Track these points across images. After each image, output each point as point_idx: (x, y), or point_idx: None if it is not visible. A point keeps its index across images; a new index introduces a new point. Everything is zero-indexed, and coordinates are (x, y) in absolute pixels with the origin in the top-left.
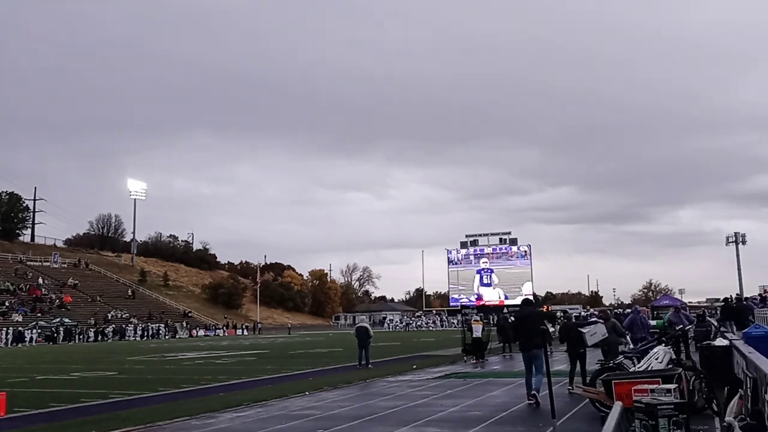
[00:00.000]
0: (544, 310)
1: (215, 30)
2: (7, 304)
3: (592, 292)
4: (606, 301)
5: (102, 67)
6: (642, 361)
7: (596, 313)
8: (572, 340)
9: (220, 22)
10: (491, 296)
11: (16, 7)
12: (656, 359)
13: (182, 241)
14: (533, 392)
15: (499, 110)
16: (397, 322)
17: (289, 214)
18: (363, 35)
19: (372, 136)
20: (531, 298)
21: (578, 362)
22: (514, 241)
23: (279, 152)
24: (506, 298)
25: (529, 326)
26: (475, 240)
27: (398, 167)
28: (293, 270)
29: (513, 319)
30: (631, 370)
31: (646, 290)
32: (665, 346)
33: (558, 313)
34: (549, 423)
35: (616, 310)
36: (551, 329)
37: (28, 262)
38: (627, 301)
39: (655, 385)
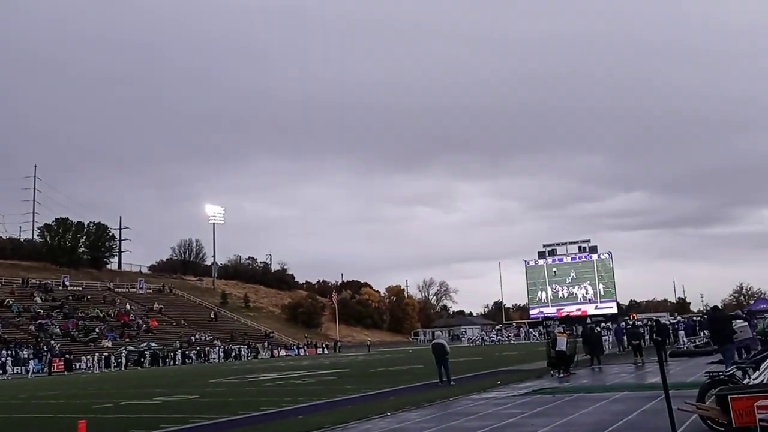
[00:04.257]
0: (632, 318)
1: (270, 59)
2: (97, 330)
3: (678, 298)
4: (694, 308)
5: (166, 98)
6: (758, 373)
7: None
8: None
9: (274, 51)
10: (573, 306)
11: (87, 45)
12: None
13: (261, 262)
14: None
15: (558, 119)
16: (474, 336)
17: (358, 232)
18: (413, 50)
19: (433, 150)
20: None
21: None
22: (593, 249)
23: (341, 172)
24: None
25: (720, 326)
26: (553, 249)
27: (462, 180)
28: (370, 287)
29: (706, 318)
30: (745, 383)
31: (737, 294)
32: None
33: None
34: None
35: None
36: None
37: (116, 289)
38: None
39: None
